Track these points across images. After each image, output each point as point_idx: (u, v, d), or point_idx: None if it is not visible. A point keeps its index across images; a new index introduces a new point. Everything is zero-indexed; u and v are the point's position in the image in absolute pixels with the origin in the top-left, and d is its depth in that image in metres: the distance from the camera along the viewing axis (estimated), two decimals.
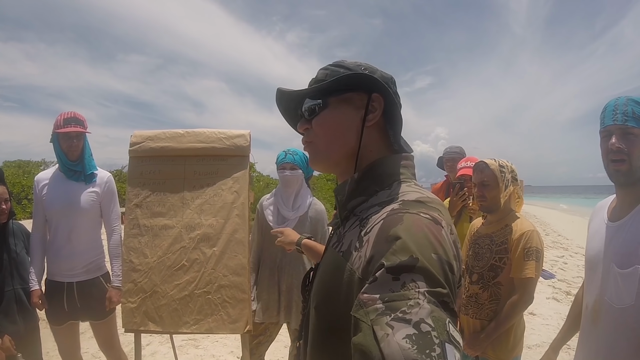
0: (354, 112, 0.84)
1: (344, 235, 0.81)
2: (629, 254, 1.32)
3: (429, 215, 0.68)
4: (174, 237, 2.39)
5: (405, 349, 0.52)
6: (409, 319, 0.54)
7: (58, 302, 2.50)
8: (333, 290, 0.74)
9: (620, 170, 1.38)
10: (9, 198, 2.46)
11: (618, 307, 1.35)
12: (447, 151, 3.67)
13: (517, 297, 1.95)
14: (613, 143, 1.37)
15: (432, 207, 0.71)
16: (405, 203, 0.71)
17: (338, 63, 0.87)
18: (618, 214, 1.45)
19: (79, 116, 2.52)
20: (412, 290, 0.57)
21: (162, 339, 4.12)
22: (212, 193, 2.42)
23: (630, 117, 1.35)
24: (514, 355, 2.03)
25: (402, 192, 0.77)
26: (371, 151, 0.85)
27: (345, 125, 0.84)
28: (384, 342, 0.54)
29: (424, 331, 0.53)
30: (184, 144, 2.46)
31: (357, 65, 0.85)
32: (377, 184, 0.81)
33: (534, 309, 5.22)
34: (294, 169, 2.52)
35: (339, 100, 0.85)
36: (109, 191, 2.65)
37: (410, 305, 0.55)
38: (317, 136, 0.87)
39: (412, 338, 0.53)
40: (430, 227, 0.65)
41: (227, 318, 2.33)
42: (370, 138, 0.85)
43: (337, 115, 0.85)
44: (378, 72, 0.86)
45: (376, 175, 0.82)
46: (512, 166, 2.10)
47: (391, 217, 0.68)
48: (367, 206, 0.80)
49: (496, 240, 2.06)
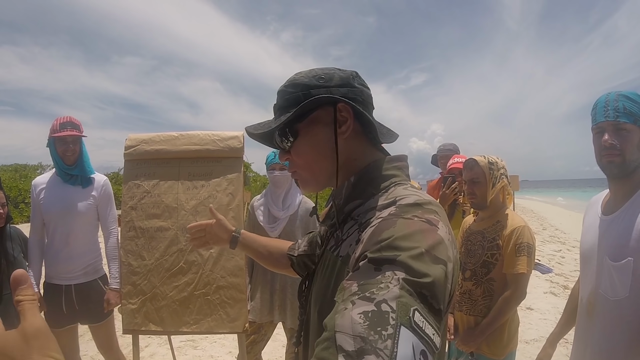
0: (325, 129, 0.82)
1: (342, 240, 0.80)
2: (622, 247, 1.34)
3: (424, 218, 0.67)
4: (170, 239, 2.40)
5: (356, 322, 0.52)
6: (373, 298, 0.54)
7: (56, 305, 2.51)
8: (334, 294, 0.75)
9: (613, 162, 1.39)
10: (6, 202, 2.47)
11: (612, 299, 1.37)
12: (441, 148, 3.68)
13: (510, 293, 1.97)
14: (606, 140, 1.38)
15: (429, 210, 0.70)
16: (401, 207, 0.71)
17: (292, 82, 0.84)
18: (611, 207, 1.46)
19: (75, 120, 2.54)
20: (388, 278, 0.56)
21: (161, 340, 4.13)
22: (206, 194, 2.43)
23: (621, 113, 1.36)
24: (509, 351, 2.05)
25: (399, 196, 0.75)
26: (358, 158, 0.84)
27: (322, 146, 0.83)
28: (339, 314, 0.54)
29: (383, 310, 0.52)
30: (178, 146, 2.48)
31: (312, 77, 0.82)
32: (374, 187, 0.81)
33: (531, 303, 5.24)
34: (283, 169, 2.55)
35: (307, 124, 0.83)
36: (106, 194, 2.67)
37: (380, 287, 0.55)
38: (298, 166, 0.87)
39: (368, 315, 0.52)
40: (422, 229, 0.64)
41: (226, 317, 2.35)
42: (353, 146, 0.84)
43: (311, 140, 0.83)
44: (336, 76, 0.83)
45: (372, 178, 0.82)
46: (502, 162, 2.12)
47: (385, 221, 0.68)
48: (365, 209, 0.79)
49: (488, 237, 2.08)
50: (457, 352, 2.19)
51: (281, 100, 0.84)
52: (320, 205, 1.01)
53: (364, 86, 0.85)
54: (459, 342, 2.12)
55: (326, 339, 0.53)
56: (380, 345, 0.49)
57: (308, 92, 0.81)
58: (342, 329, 0.52)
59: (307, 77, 0.83)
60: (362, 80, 0.86)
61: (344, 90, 0.81)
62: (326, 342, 0.53)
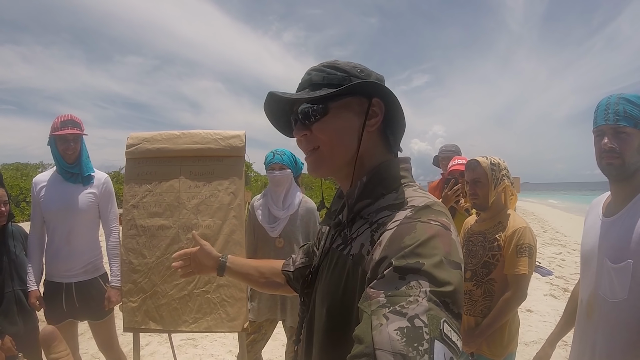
0: (354, 118, 0.84)
1: (353, 239, 0.81)
2: (622, 249, 1.34)
3: (439, 221, 0.70)
4: (171, 238, 2.40)
5: (394, 339, 0.55)
6: (405, 312, 0.57)
7: (57, 302, 2.52)
8: (346, 292, 0.75)
9: (613, 164, 1.40)
10: (8, 200, 2.48)
11: (611, 301, 1.37)
12: (443, 150, 3.68)
13: (510, 294, 1.97)
14: (605, 143, 1.39)
15: (440, 212, 0.73)
16: (416, 210, 0.73)
17: (333, 64, 0.85)
18: (612, 209, 1.47)
19: (76, 119, 2.54)
20: (415, 289, 0.59)
21: (161, 338, 4.13)
22: (208, 193, 2.44)
23: (621, 117, 1.36)
24: (509, 352, 2.05)
25: (409, 197, 0.78)
26: (373, 155, 0.86)
27: (346, 131, 0.84)
28: (376, 330, 0.57)
29: (416, 326, 0.56)
30: (180, 145, 2.48)
31: (353, 67, 0.84)
32: (384, 187, 0.82)
33: (531, 305, 5.24)
34: (283, 168, 2.56)
35: (339, 106, 0.84)
36: (107, 192, 2.67)
37: (410, 301, 0.58)
38: (320, 142, 0.86)
39: (404, 331, 0.55)
40: (439, 233, 0.67)
41: (226, 316, 2.35)
42: (371, 143, 0.86)
43: (339, 122, 0.84)
44: (373, 75, 0.86)
45: (382, 178, 0.83)
46: (504, 163, 2.12)
47: (405, 225, 0.70)
48: (375, 209, 0.81)
49: (489, 237, 2.08)
50: None
51: (317, 77, 0.84)
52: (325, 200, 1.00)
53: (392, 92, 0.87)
54: None
55: (365, 354, 0.56)
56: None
57: (349, 78, 0.83)
58: (381, 346, 0.55)
59: (347, 66, 0.84)
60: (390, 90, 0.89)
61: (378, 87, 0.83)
62: (365, 357, 0.56)
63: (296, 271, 1.17)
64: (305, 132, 0.86)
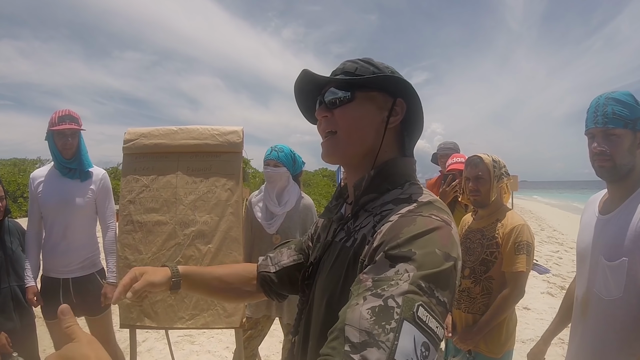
0: (376, 112, 0.87)
1: (355, 231, 0.82)
2: (617, 246, 1.34)
3: (440, 217, 0.72)
4: (168, 234, 2.40)
5: (364, 317, 0.58)
6: (382, 294, 0.60)
7: (54, 298, 2.51)
8: (347, 284, 0.76)
9: (604, 167, 1.40)
10: (4, 196, 2.47)
11: (606, 299, 1.37)
12: (442, 147, 3.67)
13: (508, 291, 1.97)
14: (595, 147, 1.40)
15: (442, 209, 0.76)
16: (419, 205, 0.75)
17: (367, 60, 0.89)
18: (608, 207, 1.47)
19: (74, 114, 2.53)
20: (400, 274, 0.61)
21: (158, 335, 4.13)
22: (205, 189, 2.43)
23: (610, 119, 1.35)
24: (506, 349, 2.05)
25: (414, 193, 0.80)
26: (385, 152, 0.88)
27: (366, 122, 0.87)
28: (350, 308, 0.61)
29: (389, 306, 0.58)
30: (177, 140, 2.47)
31: (385, 67, 0.88)
32: (390, 183, 0.85)
33: (528, 303, 5.25)
34: (277, 165, 2.55)
35: (365, 97, 0.87)
36: (104, 188, 2.66)
37: (390, 284, 0.60)
38: (339, 127, 0.87)
39: (375, 310, 0.58)
40: (439, 227, 0.69)
41: (223, 312, 2.34)
42: (387, 139, 0.88)
43: (362, 111, 0.87)
44: (397, 73, 0.88)
45: (390, 174, 0.85)
46: (503, 162, 2.12)
47: (405, 218, 0.72)
48: (380, 203, 0.83)
49: (487, 235, 2.07)
50: (455, 349, 2.19)
51: (350, 67, 0.88)
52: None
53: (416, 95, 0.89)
54: (456, 340, 2.12)
55: (337, 329, 0.60)
56: (383, 338, 0.55)
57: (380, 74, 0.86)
58: (351, 322, 0.58)
59: (381, 65, 0.88)
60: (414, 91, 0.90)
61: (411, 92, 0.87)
62: (336, 332, 0.60)
63: (281, 270, 1.09)
64: (326, 114, 0.88)
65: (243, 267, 1.17)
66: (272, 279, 1.10)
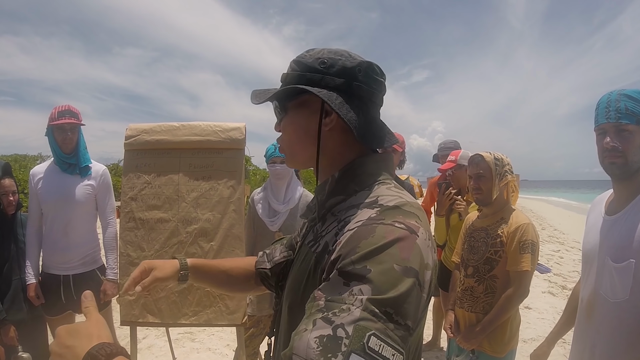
0: (312, 116, 0.81)
1: (321, 236, 0.78)
2: (624, 248, 1.32)
3: (405, 224, 0.65)
4: (170, 231, 2.38)
5: (311, 347, 0.54)
6: (333, 320, 0.56)
7: (55, 294, 2.50)
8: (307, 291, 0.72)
9: (615, 163, 1.37)
10: (16, 190, 2.52)
11: (612, 301, 1.35)
12: (442, 147, 3.66)
13: (512, 290, 1.96)
14: (608, 142, 1.37)
15: (410, 213, 0.69)
16: (382, 210, 0.69)
17: (298, 59, 0.82)
18: (615, 207, 1.44)
19: (73, 109, 2.52)
20: (353, 297, 0.57)
21: (159, 332, 4.12)
22: (207, 187, 2.42)
23: (623, 114, 1.34)
24: (510, 349, 2.04)
25: (381, 195, 0.74)
26: (342, 153, 0.82)
27: (304, 130, 0.82)
28: (298, 335, 0.57)
29: (337, 336, 0.54)
30: (179, 136, 2.45)
31: (315, 60, 0.80)
32: (357, 184, 0.79)
33: (529, 302, 5.24)
34: (283, 162, 2.52)
35: (296, 105, 0.83)
36: (105, 184, 2.65)
37: (343, 309, 0.56)
38: (282, 140, 0.88)
39: (323, 340, 0.54)
40: (400, 237, 0.63)
41: (225, 309, 2.34)
42: (336, 141, 0.82)
43: (295, 121, 0.84)
44: (338, 65, 0.79)
45: (356, 174, 0.80)
46: (507, 159, 2.10)
47: (365, 227, 0.66)
48: (346, 206, 0.77)
49: (491, 234, 2.06)
50: (458, 349, 2.18)
51: (288, 73, 0.84)
52: None
53: (370, 83, 0.80)
54: (460, 339, 2.11)
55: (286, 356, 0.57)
56: None
57: (304, 74, 0.80)
58: (297, 351, 0.55)
59: (312, 58, 0.81)
60: (374, 75, 0.81)
61: (339, 81, 0.78)
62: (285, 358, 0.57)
63: (275, 267, 1.09)
64: (278, 128, 0.88)
65: (247, 262, 1.17)
66: (268, 274, 1.09)
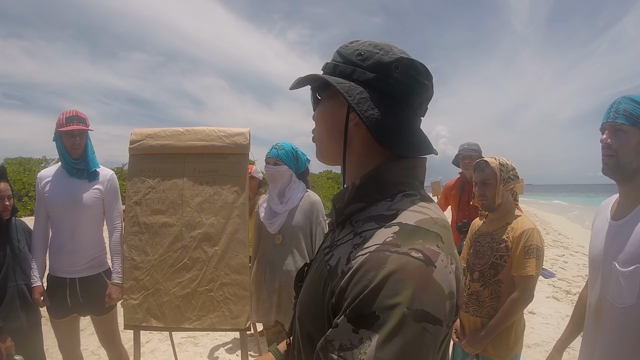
0: (340, 109, 0.77)
1: (336, 245, 0.74)
2: (631, 253, 1.32)
3: (422, 252, 0.60)
4: (174, 236, 2.39)
5: None
6: None
7: (60, 297, 2.51)
8: (315, 303, 0.71)
9: (608, 164, 1.41)
10: (12, 195, 2.49)
11: (620, 306, 1.34)
12: (465, 148, 3.56)
13: (517, 295, 1.96)
14: (604, 139, 1.41)
15: (431, 234, 0.64)
16: (400, 232, 0.63)
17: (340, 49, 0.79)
18: (621, 212, 1.44)
19: (81, 114, 2.53)
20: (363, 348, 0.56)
21: (162, 336, 4.12)
22: (212, 192, 2.43)
23: (620, 115, 1.38)
24: (514, 353, 2.04)
25: (402, 210, 0.68)
26: (368, 155, 0.77)
27: (332, 122, 0.79)
28: None
29: None
30: (184, 141, 2.47)
31: (353, 52, 0.76)
32: (380, 193, 0.73)
33: (533, 307, 5.21)
34: (277, 164, 2.51)
35: (327, 96, 0.80)
36: (112, 189, 2.66)
37: None
38: (315, 131, 0.85)
39: None
40: (415, 275, 0.58)
41: (229, 314, 2.34)
42: (363, 138, 0.76)
43: (327, 112, 0.81)
44: (373, 59, 0.74)
45: (379, 182, 0.74)
46: (512, 164, 2.10)
47: (377, 255, 0.61)
48: (365, 216, 0.72)
49: (497, 238, 2.06)
50: (463, 353, 2.17)
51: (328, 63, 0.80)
52: None
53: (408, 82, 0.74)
54: (464, 344, 2.11)
55: None
56: None
57: (338, 65, 0.77)
58: None
59: (351, 49, 0.77)
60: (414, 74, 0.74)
61: (371, 76, 0.73)
62: None
63: None
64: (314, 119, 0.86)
65: None
66: None
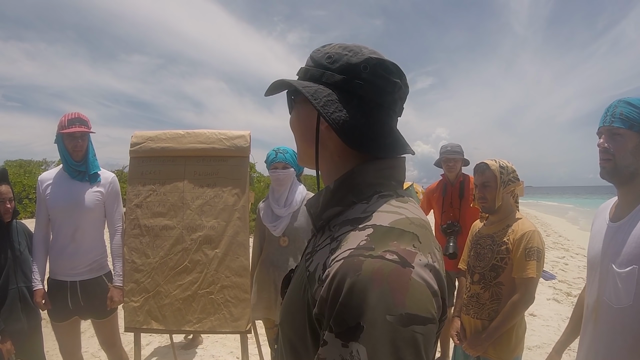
0: (312, 113, 0.76)
1: (316, 251, 0.72)
2: (628, 254, 1.33)
3: (398, 253, 0.59)
4: (175, 238, 2.40)
5: None
6: None
7: (62, 300, 2.51)
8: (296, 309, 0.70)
9: (605, 168, 1.42)
10: (13, 197, 2.49)
11: (616, 307, 1.35)
12: (448, 150, 3.45)
13: (518, 297, 1.96)
14: (601, 143, 1.43)
15: (406, 234, 0.63)
16: (374, 235, 0.62)
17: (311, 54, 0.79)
18: (619, 214, 1.45)
19: (83, 116, 2.54)
20: None
21: (162, 338, 4.12)
22: (212, 194, 2.43)
23: (617, 118, 1.39)
24: (515, 355, 2.03)
25: (377, 212, 0.68)
26: (342, 157, 0.76)
27: (305, 127, 0.79)
28: None
29: None
30: (185, 144, 2.48)
31: (325, 54, 0.76)
32: (355, 195, 0.72)
33: (534, 309, 5.20)
34: (286, 167, 2.52)
35: (300, 100, 0.80)
36: (113, 191, 2.66)
37: None
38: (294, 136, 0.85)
39: None
40: (391, 279, 0.57)
41: (230, 317, 2.35)
42: (336, 142, 0.75)
43: (299, 116, 0.81)
44: (342, 61, 0.74)
45: (354, 184, 0.73)
46: (512, 167, 2.11)
47: (351, 260, 0.60)
48: (342, 220, 0.71)
49: (497, 241, 2.06)
50: (464, 355, 2.17)
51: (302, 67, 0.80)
52: None
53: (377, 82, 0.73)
54: (465, 346, 2.11)
55: None
56: None
57: (309, 69, 0.77)
58: None
59: (321, 53, 0.77)
60: (384, 74, 0.74)
61: (339, 78, 0.73)
62: None
63: None
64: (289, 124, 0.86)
65: None
66: None
